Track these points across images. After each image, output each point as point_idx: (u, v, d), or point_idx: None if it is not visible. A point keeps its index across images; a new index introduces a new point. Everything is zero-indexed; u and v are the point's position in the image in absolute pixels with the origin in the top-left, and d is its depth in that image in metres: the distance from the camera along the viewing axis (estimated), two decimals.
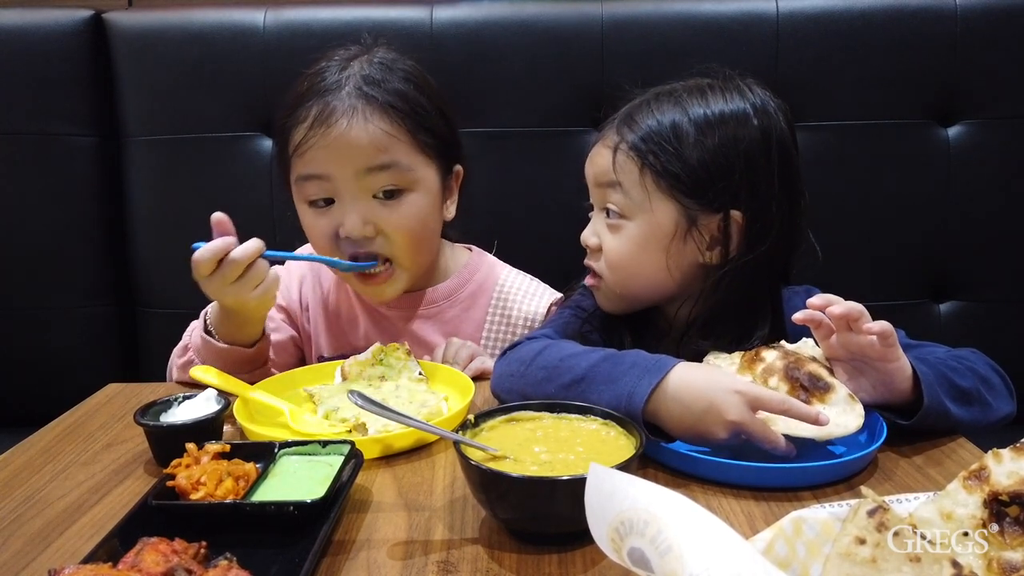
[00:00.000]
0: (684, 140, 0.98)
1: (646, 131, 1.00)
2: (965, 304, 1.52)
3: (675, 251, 1.00)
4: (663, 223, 0.99)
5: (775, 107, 1.02)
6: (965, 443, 0.88)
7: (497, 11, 1.49)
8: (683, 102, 1.01)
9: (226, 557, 0.60)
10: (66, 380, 1.52)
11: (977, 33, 1.43)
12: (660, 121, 1.00)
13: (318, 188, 1.12)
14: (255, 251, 1.02)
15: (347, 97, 1.10)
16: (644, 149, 0.99)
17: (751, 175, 0.98)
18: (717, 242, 1.00)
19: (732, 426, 0.80)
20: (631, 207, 1.00)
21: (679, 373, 0.84)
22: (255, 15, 1.49)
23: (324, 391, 1.02)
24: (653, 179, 0.99)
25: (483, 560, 0.67)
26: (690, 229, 0.99)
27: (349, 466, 0.76)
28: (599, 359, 0.89)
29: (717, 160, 0.98)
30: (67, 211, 1.53)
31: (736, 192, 0.98)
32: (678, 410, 0.82)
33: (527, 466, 0.71)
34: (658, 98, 1.03)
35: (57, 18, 1.50)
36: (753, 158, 0.98)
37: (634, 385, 0.83)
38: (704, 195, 0.98)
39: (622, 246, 1.02)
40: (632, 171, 0.99)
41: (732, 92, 1.02)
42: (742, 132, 0.98)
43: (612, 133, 1.03)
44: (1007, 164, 1.47)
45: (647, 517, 0.49)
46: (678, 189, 0.98)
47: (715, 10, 1.46)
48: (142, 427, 0.86)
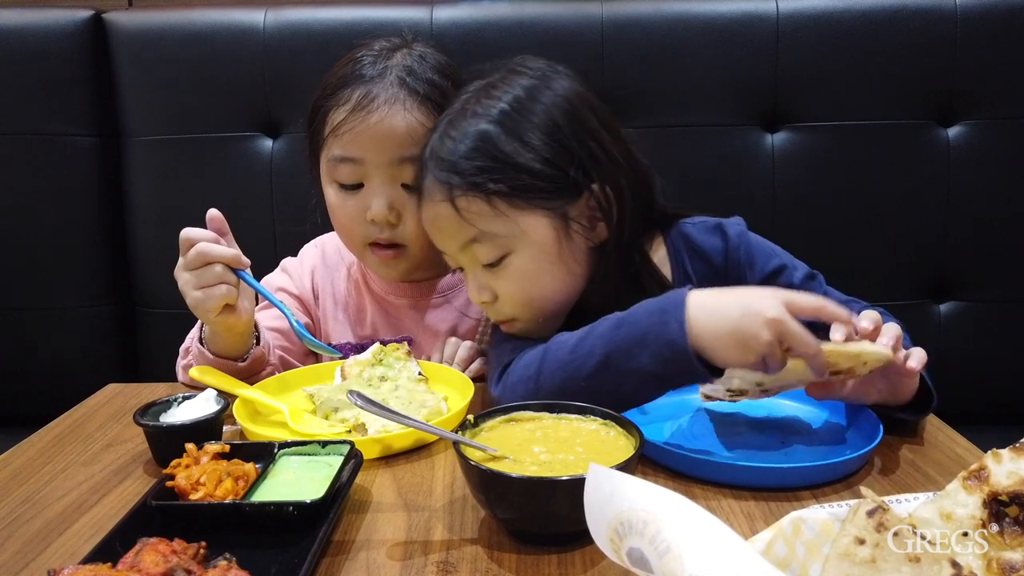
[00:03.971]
0: (503, 145, 0.93)
1: (464, 161, 0.94)
2: (965, 304, 1.52)
3: (566, 253, 0.97)
4: (542, 238, 0.95)
5: (556, 71, 1.00)
6: (965, 443, 0.88)
7: (497, 11, 1.49)
8: (475, 111, 0.96)
9: (225, 557, 0.60)
10: (66, 380, 1.52)
11: (977, 33, 1.43)
12: (468, 143, 0.94)
13: (351, 171, 1.13)
14: (225, 255, 1.00)
15: (390, 86, 1.11)
16: (479, 180, 0.93)
17: (583, 141, 0.96)
18: (596, 220, 0.99)
19: (773, 324, 0.78)
20: (503, 243, 0.95)
21: (696, 296, 0.83)
22: (255, 15, 1.49)
23: (324, 391, 1.01)
24: (507, 204, 0.93)
25: (483, 560, 0.67)
26: (567, 226, 0.96)
27: (349, 466, 0.76)
28: (608, 332, 0.87)
29: (546, 144, 0.94)
30: (67, 211, 1.53)
31: (583, 166, 0.95)
32: (718, 324, 0.80)
33: (526, 466, 0.71)
34: (451, 124, 0.97)
35: (57, 18, 1.50)
36: (573, 123, 0.96)
37: (661, 329, 0.82)
38: (557, 186, 0.95)
39: (518, 283, 0.97)
40: (483, 210, 0.94)
41: (510, 76, 0.99)
42: (551, 107, 0.96)
43: (434, 189, 0.96)
44: (1007, 164, 1.47)
45: (646, 517, 0.49)
46: (535, 197, 0.94)
47: (715, 10, 1.46)
48: (141, 427, 0.86)
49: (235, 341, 1.08)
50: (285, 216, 1.52)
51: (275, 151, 1.52)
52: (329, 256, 1.31)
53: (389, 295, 1.26)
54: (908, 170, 1.48)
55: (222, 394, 0.92)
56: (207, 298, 0.99)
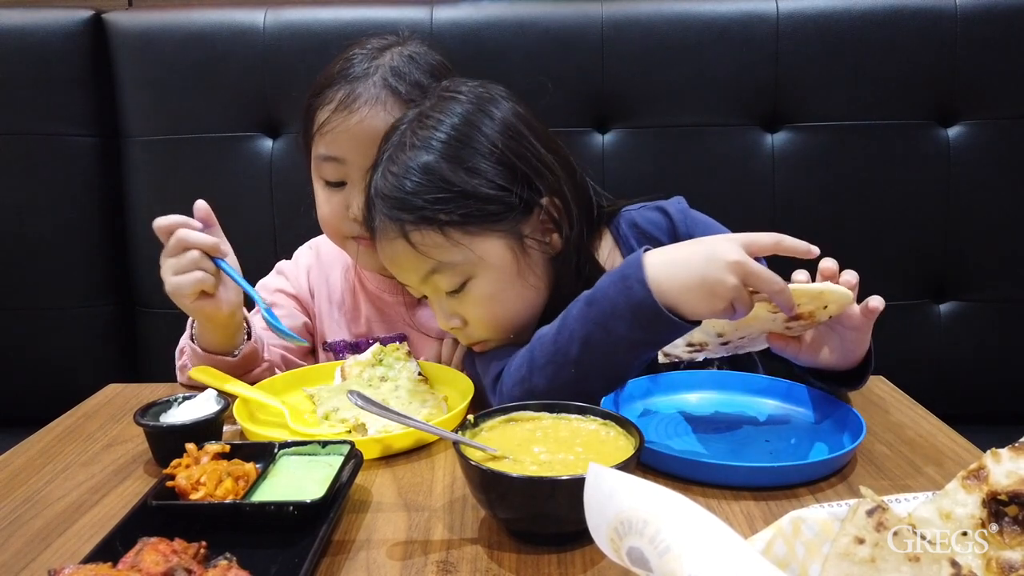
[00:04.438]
0: (448, 175, 0.93)
1: (412, 197, 0.93)
2: (965, 304, 1.52)
3: (526, 269, 0.98)
4: (500, 260, 0.96)
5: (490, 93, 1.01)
6: (964, 443, 0.88)
7: (497, 11, 1.49)
8: (413, 143, 0.96)
9: (226, 557, 0.60)
10: (66, 380, 1.52)
11: (977, 33, 1.43)
12: (414, 177, 0.93)
13: (334, 170, 1.14)
14: (202, 241, 1.00)
15: (372, 86, 1.11)
16: (429, 212, 0.92)
17: (527, 159, 0.97)
18: (549, 231, 1.00)
19: (736, 266, 0.79)
20: (462, 270, 0.95)
21: (652, 255, 0.85)
22: (255, 15, 1.49)
23: (324, 391, 1.02)
24: (461, 232, 0.93)
25: (483, 560, 0.67)
26: (523, 243, 0.97)
27: (349, 466, 0.76)
28: (581, 313, 0.88)
29: (493, 168, 0.94)
30: (67, 211, 1.53)
31: (528, 183, 0.96)
32: (681, 274, 0.82)
33: (526, 466, 0.71)
34: (390, 160, 0.97)
35: (57, 18, 1.50)
36: (514, 143, 0.97)
37: (625, 296, 0.83)
38: (508, 208, 0.95)
39: (484, 306, 0.97)
40: (437, 241, 0.93)
41: (443, 103, 0.99)
42: (484, 131, 0.96)
43: (387, 227, 0.95)
44: (1007, 164, 1.47)
45: (646, 517, 0.49)
46: (486, 221, 0.94)
47: (715, 10, 1.46)
48: (142, 427, 0.86)
49: (221, 335, 1.08)
50: (285, 216, 1.52)
51: (275, 151, 1.52)
52: (324, 256, 1.31)
53: (384, 293, 1.26)
54: (908, 170, 1.48)
55: (222, 394, 0.92)
56: (181, 283, 1.00)
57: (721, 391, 0.99)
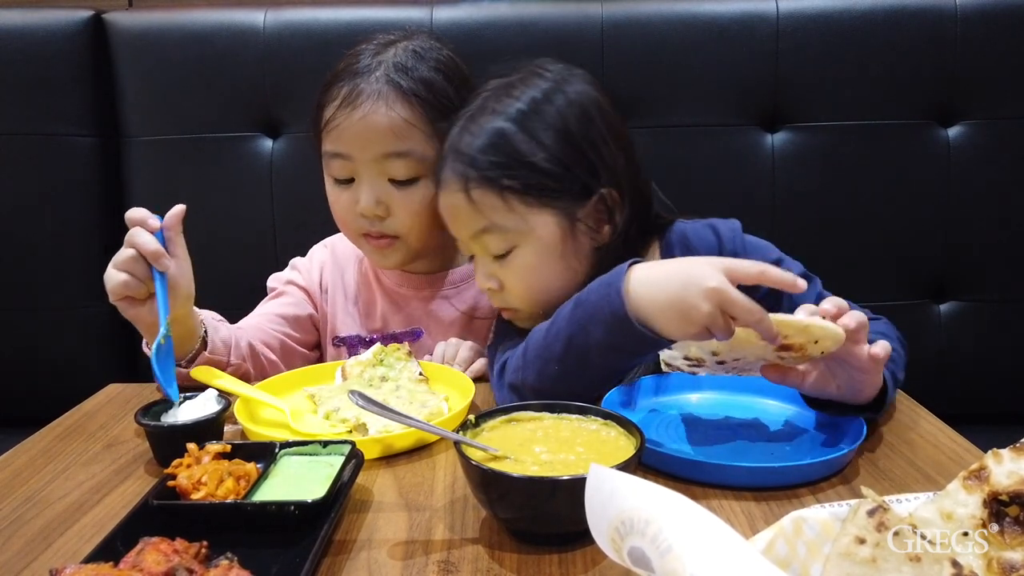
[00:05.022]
0: (519, 143, 0.97)
1: (480, 156, 0.97)
2: (965, 304, 1.52)
3: (571, 252, 1.00)
4: (549, 235, 0.99)
5: (573, 74, 1.02)
6: (965, 443, 0.88)
7: (497, 11, 1.49)
8: (494, 108, 0.99)
9: (227, 557, 0.60)
10: (66, 380, 1.52)
11: (977, 33, 1.43)
12: (485, 138, 0.98)
13: (341, 166, 1.16)
14: (144, 246, 0.96)
15: (375, 82, 1.12)
16: (492, 175, 0.97)
17: (594, 144, 0.99)
18: (602, 222, 1.01)
19: (713, 293, 0.78)
20: (512, 237, 0.99)
21: (639, 267, 0.85)
22: (255, 15, 1.49)
23: (325, 391, 1.02)
24: (518, 200, 0.97)
25: (483, 560, 0.67)
26: (574, 226, 0.99)
27: (350, 466, 0.76)
28: (568, 312, 0.90)
29: (559, 146, 0.97)
30: (67, 211, 1.53)
31: (591, 168, 0.98)
32: (658, 293, 0.82)
33: (527, 466, 0.71)
34: (471, 119, 1.01)
35: (57, 18, 1.50)
36: (585, 127, 0.99)
37: (606, 302, 0.84)
38: (566, 187, 0.98)
39: (523, 276, 1.00)
40: (495, 203, 0.97)
41: (529, 77, 1.02)
42: (566, 110, 0.98)
43: (451, 179, 1.00)
44: (1007, 164, 1.47)
45: (647, 517, 0.49)
46: (544, 195, 0.97)
47: (715, 10, 1.46)
48: (143, 427, 0.86)
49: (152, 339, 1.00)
50: (285, 216, 1.52)
51: (275, 151, 1.52)
52: (339, 253, 1.33)
53: (400, 287, 1.27)
54: (908, 170, 1.48)
55: (223, 394, 0.92)
56: (108, 278, 0.98)
57: (722, 392, 0.99)
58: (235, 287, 1.38)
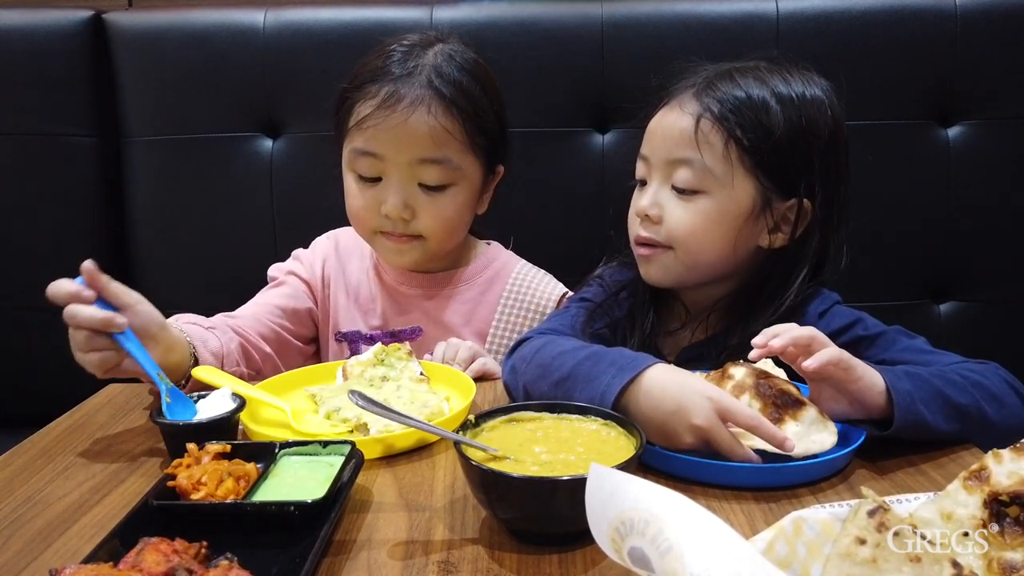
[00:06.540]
0: (773, 117, 0.98)
1: (733, 103, 0.99)
2: (965, 304, 1.52)
3: (745, 230, 1.00)
4: (741, 200, 0.99)
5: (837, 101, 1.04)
6: (965, 443, 0.87)
7: (497, 11, 1.49)
8: (765, 79, 1.01)
9: (227, 557, 0.60)
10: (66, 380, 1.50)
11: (977, 33, 1.43)
12: (748, 94, 0.99)
13: (370, 165, 1.16)
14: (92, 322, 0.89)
15: (417, 86, 1.13)
16: (732, 121, 0.98)
17: (825, 163, 1.00)
18: (780, 227, 1.01)
19: (698, 431, 0.79)
20: (709, 180, 0.99)
21: (654, 372, 0.83)
22: (255, 15, 1.49)
23: (325, 391, 1.02)
24: (739, 153, 0.98)
25: (483, 560, 0.67)
26: (763, 210, 1.00)
27: (350, 466, 0.76)
28: (584, 357, 0.89)
29: (799, 142, 0.98)
30: (67, 211, 1.53)
31: (811, 178, 0.99)
32: (648, 408, 0.81)
33: (527, 466, 0.71)
34: (740, 72, 1.02)
35: (57, 18, 1.50)
36: (828, 146, 1.00)
37: (608, 383, 0.83)
38: (784, 176, 0.99)
39: (694, 220, 1.00)
40: (717, 143, 0.98)
41: (808, 75, 1.03)
42: (820, 118, 1.00)
43: (691, 101, 1.01)
44: (1007, 164, 1.47)
45: (647, 517, 0.49)
46: (761, 167, 0.98)
47: (715, 10, 1.46)
48: (159, 427, 0.86)
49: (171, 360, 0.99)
50: (285, 216, 1.52)
51: (275, 151, 1.52)
52: (343, 246, 1.33)
53: (401, 285, 1.27)
54: (908, 170, 1.48)
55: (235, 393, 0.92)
56: (84, 363, 0.93)
57: None
58: (235, 287, 1.38)
